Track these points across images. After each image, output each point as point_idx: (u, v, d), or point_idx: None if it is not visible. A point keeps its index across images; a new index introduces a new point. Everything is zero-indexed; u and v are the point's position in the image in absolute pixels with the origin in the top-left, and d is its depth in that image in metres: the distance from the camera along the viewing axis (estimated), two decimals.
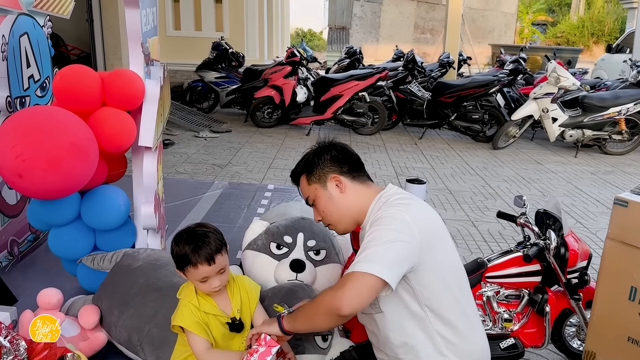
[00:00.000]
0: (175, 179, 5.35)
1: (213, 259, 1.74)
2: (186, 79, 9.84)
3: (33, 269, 3.14)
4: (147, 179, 2.78)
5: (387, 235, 1.52)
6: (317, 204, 1.79)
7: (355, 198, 1.75)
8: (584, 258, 2.39)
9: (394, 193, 1.71)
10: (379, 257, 1.48)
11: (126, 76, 2.57)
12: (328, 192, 1.76)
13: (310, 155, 1.82)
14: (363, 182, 1.79)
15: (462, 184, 5.72)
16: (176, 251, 1.77)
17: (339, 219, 1.77)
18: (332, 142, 1.84)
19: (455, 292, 1.65)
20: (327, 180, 1.76)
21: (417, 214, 1.60)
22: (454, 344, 1.61)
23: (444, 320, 1.61)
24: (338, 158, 1.78)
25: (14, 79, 2.95)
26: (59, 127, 2.27)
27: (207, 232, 1.78)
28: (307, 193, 1.82)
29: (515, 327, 2.42)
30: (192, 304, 1.82)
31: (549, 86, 7.02)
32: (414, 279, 1.56)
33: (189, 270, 1.76)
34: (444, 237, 1.68)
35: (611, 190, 5.65)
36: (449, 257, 1.67)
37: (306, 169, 1.82)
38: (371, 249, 1.51)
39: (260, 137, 7.69)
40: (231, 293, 1.90)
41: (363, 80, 7.78)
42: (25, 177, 2.16)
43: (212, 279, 1.78)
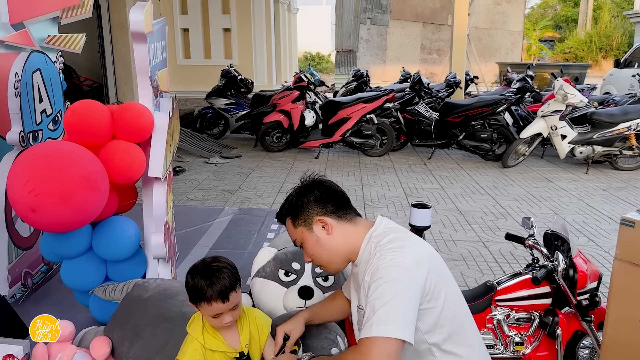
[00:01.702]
0: (186, 206, 5.40)
1: (227, 297, 1.73)
2: (196, 106, 10.00)
3: (46, 300, 3.18)
4: (157, 208, 2.82)
5: (392, 289, 1.46)
6: (305, 246, 1.75)
7: (343, 238, 1.70)
8: (593, 279, 2.37)
9: (385, 232, 1.65)
10: (393, 317, 1.43)
11: (135, 109, 2.64)
12: (315, 235, 1.71)
13: (294, 197, 1.77)
14: (350, 220, 1.73)
15: (472, 203, 5.70)
16: (191, 284, 1.76)
17: (329, 260, 1.73)
18: (315, 180, 1.79)
19: (458, 326, 1.62)
20: (312, 223, 1.71)
21: (415, 256, 1.55)
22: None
23: (448, 354, 1.58)
24: (322, 198, 1.72)
25: (27, 114, 3.03)
26: (70, 161, 2.32)
27: (222, 268, 1.76)
28: (294, 236, 1.77)
29: (527, 350, 2.40)
30: (197, 341, 1.82)
31: (557, 103, 7.02)
32: (418, 318, 1.52)
33: (202, 305, 1.75)
34: (443, 272, 1.65)
35: (623, 206, 5.60)
36: (447, 290, 1.63)
37: (290, 212, 1.76)
38: (382, 309, 1.44)
39: (269, 162, 7.76)
40: (241, 327, 1.89)
41: (370, 102, 7.86)
42: (38, 211, 2.21)
43: (224, 315, 1.77)
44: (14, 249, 3.05)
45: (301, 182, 1.80)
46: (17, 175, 2.26)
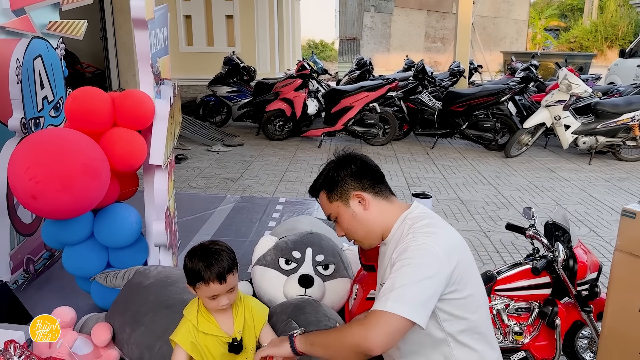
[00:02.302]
0: (188, 193, 5.41)
1: (225, 278, 1.75)
2: (199, 93, 9.97)
3: (48, 286, 3.20)
4: (158, 196, 2.82)
5: (417, 272, 1.46)
6: (341, 221, 1.73)
7: (379, 215, 1.69)
8: (593, 270, 2.37)
9: (420, 216, 1.64)
10: (410, 298, 1.43)
11: (136, 97, 2.63)
12: (351, 209, 1.69)
13: (330, 171, 1.74)
14: (386, 197, 1.72)
15: (474, 193, 5.70)
16: (189, 266, 1.78)
17: (365, 235, 1.72)
18: (350, 154, 1.76)
19: (478, 320, 1.61)
20: (349, 197, 1.69)
21: (447, 245, 1.54)
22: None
23: (464, 346, 1.58)
24: (359, 172, 1.71)
25: (28, 101, 3.03)
26: (71, 148, 2.32)
27: (220, 250, 1.79)
28: (329, 210, 1.75)
29: (526, 340, 2.41)
30: (191, 323, 1.84)
31: (561, 93, 6.98)
32: (439, 307, 1.53)
33: (199, 286, 1.78)
34: (470, 266, 1.63)
35: (625, 197, 5.59)
36: (475, 286, 1.62)
37: (326, 185, 1.74)
38: (402, 288, 1.45)
39: (272, 150, 7.75)
40: (235, 313, 1.91)
41: (373, 91, 7.82)
42: (38, 198, 2.22)
43: (221, 297, 1.79)
44: (16, 235, 3.07)
45: (336, 157, 1.77)
46: (18, 162, 2.26)
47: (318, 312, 2.23)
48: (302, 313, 2.19)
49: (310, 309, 2.22)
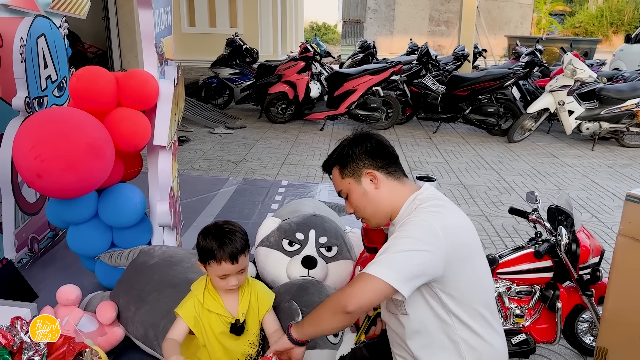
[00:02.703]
0: (190, 175, 5.41)
1: (237, 258, 1.78)
2: (201, 75, 9.92)
3: (52, 265, 3.22)
4: (162, 177, 2.83)
5: (409, 243, 1.49)
6: (351, 198, 1.73)
7: (389, 194, 1.69)
8: (596, 254, 2.38)
9: (429, 197, 1.65)
10: (394, 263, 1.46)
11: (140, 77, 2.62)
12: (362, 187, 1.70)
13: (345, 147, 1.74)
14: (398, 178, 1.72)
15: (476, 178, 5.70)
16: (202, 244, 1.80)
17: (373, 214, 1.72)
18: (367, 133, 1.76)
19: (482, 303, 1.62)
20: (361, 175, 1.70)
21: (448, 224, 1.54)
22: (476, 350, 1.60)
23: (469, 328, 1.59)
24: (373, 152, 1.71)
25: (32, 80, 3.02)
26: (76, 128, 2.32)
27: (234, 231, 1.81)
28: (340, 186, 1.76)
29: (526, 322, 2.43)
30: (197, 299, 1.86)
31: (565, 78, 6.94)
32: (440, 288, 1.54)
33: (210, 264, 1.79)
34: (475, 250, 1.63)
35: (628, 183, 5.58)
36: (478, 271, 1.62)
37: (340, 161, 1.74)
38: (389, 253, 1.48)
39: (274, 133, 7.73)
40: (241, 295, 1.92)
41: (377, 74, 7.77)
42: (43, 177, 2.22)
43: (230, 277, 1.81)
44: (20, 214, 3.08)
45: (352, 134, 1.77)
46: (23, 140, 2.26)
47: (321, 292, 2.25)
48: (305, 293, 2.21)
49: (313, 290, 2.24)
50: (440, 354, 1.61)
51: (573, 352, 2.63)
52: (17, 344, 1.85)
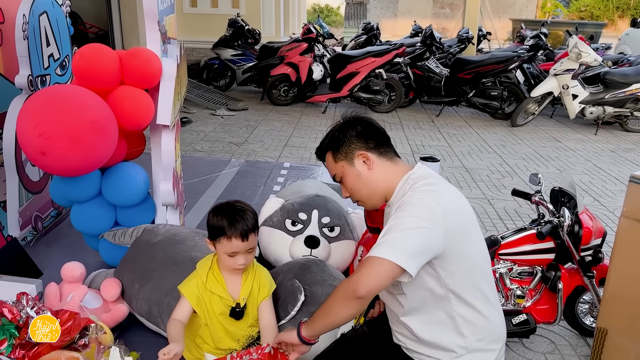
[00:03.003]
0: (193, 156, 5.41)
1: (247, 236, 1.79)
2: (203, 56, 9.85)
3: (56, 243, 3.24)
4: (165, 156, 2.83)
5: (409, 222, 1.50)
6: (345, 181, 1.75)
7: (382, 175, 1.71)
8: (598, 236, 2.39)
9: (422, 176, 1.66)
10: (398, 243, 1.47)
11: (144, 55, 2.61)
12: (355, 169, 1.71)
13: (336, 132, 1.76)
14: (390, 158, 1.73)
15: (479, 161, 5.69)
16: (213, 222, 1.81)
17: (368, 195, 1.74)
18: (357, 116, 1.78)
19: (479, 278, 1.63)
20: (354, 157, 1.71)
21: (444, 201, 1.55)
22: (474, 325, 1.62)
23: (466, 303, 1.60)
24: (364, 133, 1.72)
25: (35, 58, 3.00)
26: (79, 106, 2.32)
27: (245, 209, 1.83)
28: (334, 170, 1.77)
29: (527, 303, 2.45)
30: (200, 279, 1.87)
31: (570, 62, 6.89)
32: (438, 264, 1.55)
33: (221, 241, 1.80)
34: (471, 225, 1.64)
35: (631, 168, 5.58)
36: (475, 245, 1.64)
37: (332, 146, 1.77)
38: (392, 234, 1.49)
39: (276, 115, 7.71)
40: (244, 279, 1.93)
41: (380, 56, 7.72)
42: (47, 155, 2.22)
43: (239, 256, 1.82)
44: (24, 192, 3.09)
45: (343, 119, 1.79)
46: (27, 118, 2.26)
47: (324, 271, 2.27)
48: (308, 272, 2.23)
49: (316, 269, 2.25)
50: (438, 329, 1.63)
51: (573, 332, 2.65)
52: (23, 318, 1.87)
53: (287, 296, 2.11)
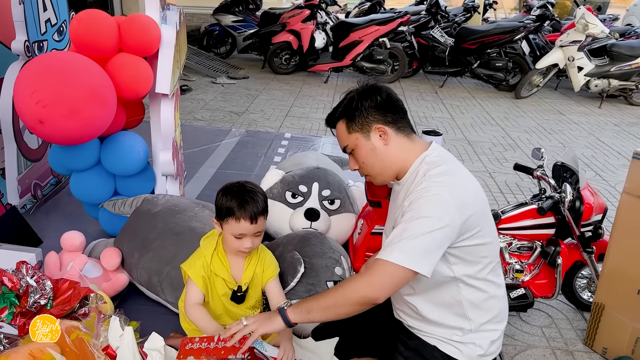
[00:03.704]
0: (193, 125, 5.37)
1: (256, 219, 1.75)
2: (203, 22, 9.69)
3: (56, 212, 3.24)
4: (164, 126, 2.80)
5: (427, 224, 1.44)
6: (357, 154, 1.65)
7: (398, 152, 1.62)
8: (599, 212, 2.38)
9: (437, 161, 1.58)
10: (417, 250, 1.43)
11: (142, 22, 2.55)
12: (371, 142, 1.61)
13: (354, 100, 1.63)
14: (407, 134, 1.64)
15: (481, 134, 5.65)
16: (222, 201, 1.76)
17: (380, 171, 1.65)
18: (376, 85, 1.66)
19: (489, 261, 1.62)
20: (370, 130, 1.60)
21: (461, 192, 1.50)
22: (480, 308, 1.62)
23: (473, 287, 1.60)
24: (383, 105, 1.61)
25: (31, 23, 2.94)
26: (78, 73, 2.28)
27: (256, 191, 1.79)
28: (346, 141, 1.66)
29: (526, 277, 2.45)
30: (205, 260, 1.85)
31: (577, 33, 6.76)
32: (450, 251, 1.53)
33: (229, 222, 1.76)
34: (485, 211, 1.60)
35: (634, 142, 5.54)
36: (487, 231, 1.59)
37: (346, 114, 1.63)
38: (409, 239, 1.44)
39: (277, 84, 7.63)
40: (247, 264, 1.91)
41: (384, 25, 7.57)
42: (45, 123, 2.20)
43: (246, 239, 1.78)
44: (23, 160, 3.07)
45: (360, 86, 1.67)
46: (24, 86, 2.22)
47: (323, 244, 2.27)
48: (308, 244, 2.23)
49: (315, 241, 2.25)
50: (443, 310, 1.63)
51: (570, 307, 2.67)
52: (23, 287, 1.88)
53: (287, 268, 2.12)
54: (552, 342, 2.41)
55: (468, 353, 1.63)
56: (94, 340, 1.72)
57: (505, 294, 1.73)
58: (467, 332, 1.63)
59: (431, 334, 1.66)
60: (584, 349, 2.38)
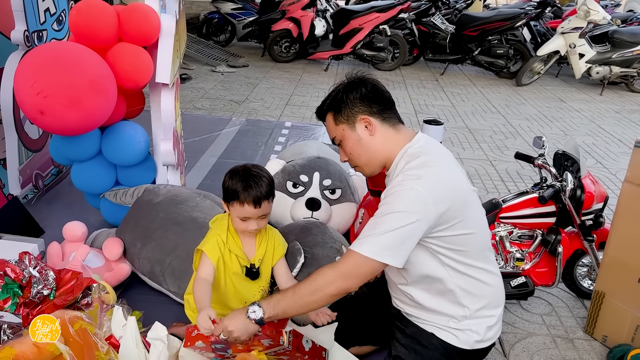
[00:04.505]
0: (193, 114, 5.36)
1: (260, 203, 1.77)
2: (202, 10, 9.63)
3: (57, 202, 3.24)
4: (165, 116, 2.79)
5: (399, 218, 1.46)
6: (344, 145, 1.69)
7: (383, 142, 1.65)
8: (600, 200, 2.38)
9: (418, 152, 1.59)
10: (388, 243, 1.46)
11: (142, 11, 2.53)
12: (356, 133, 1.65)
13: (339, 93, 1.68)
14: (393, 125, 1.66)
15: (482, 122, 5.64)
16: (228, 184, 1.79)
17: (367, 162, 1.69)
18: (362, 77, 1.70)
19: (478, 250, 1.63)
20: (355, 121, 1.65)
21: (437, 185, 1.50)
22: (473, 295, 1.64)
23: (464, 275, 1.62)
24: (368, 97, 1.64)
25: (30, 13, 2.92)
26: (78, 63, 2.27)
27: (261, 175, 1.80)
28: (334, 133, 1.71)
29: (526, 266, 2.46)
30: (220, 237, 1.86)
31: (578, 20, 6.73)
32: (431, 241, 1.55)
33: (233, 205, 1.79)
34: (467, 200, 1.60)
35: (635, 130, 5.53)
36: (472, 219, 1.61)
37: (333, 107, 1.69)
38: (381, 233, 1.46)
39: (277, 73, 7.59)
40: (259, 241, 1.93)
41: (384, 12, 7.53)
42: (46, 113, 2.19)
43: (251, 221, 1.81)
44: (24, 150, 3.07)
45: (347, 79, 1.71)
46: (25, 76, 2.21)
47: (324, 234, 2.27)
48: (309, 234, 2.23)
49: (317, 231, 2.26)
50: (438, 298, 1.66)
51: (570, 295, 2.68)
52: (26, 278, 1.89)
53: (288, 258, 2.12)
54: (552, 330, 2.42)
55: (465, 339, 1.66)
56: (97, 330, 1.74)
57: (500, 280, 1.75)
58: (462, 319, 1.65)
59: (428, 321, 1.68)
60: (584, 336, 2.39)
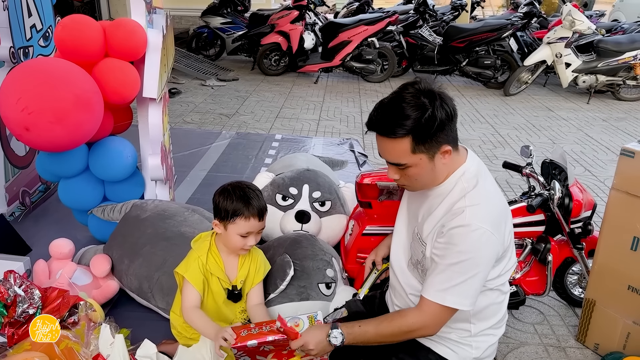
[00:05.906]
0: (183, 128, 5.35)
1: (263, 215, 1.78)
2: (191, 24, 9.66)
3: (45, 219, 3.21)
4: (152, 130, 2.78)
5: (473, 266, 1.45)
6: (412, 171, 1.49)
7: (448, 167, 1.51)
8: (588, 208, 2.39)
9: (473, 177, 1.51)
10: (470, 292, 1.48)
11: (128, 26, 2.53)
12: (433, 163, 1.47)
13: (429, 118, 1.40)
14: (456, 147, 1.51)
15: (471, 132, 5.67)
16: (226, 204, 1.76)
17: (424, 184, 1.55)
18: (440, 94, 1.45)
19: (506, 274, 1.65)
20: (437, 151, 1.45)
21: (496, 216, 1.49)
22: (484, 314, 1.64)
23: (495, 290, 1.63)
24: (450, 121, 1.44)
25: (16, 29, 2.92)
26: (63, 79, 2.26)
27: (255, 189, 1.82)
28: (406, 159, 1.46)
29: (517, 275, 2.46)
30: (200, 260, 1.84)
31: (564, 30, 6.81)
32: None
33: (236, 222, 1.76)
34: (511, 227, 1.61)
35: (622, 137, 5.58)
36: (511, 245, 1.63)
37: (417, 133, 1.41)
38: (461, 284, 1.45)
39: (267, 86, 7.61)
40: (242, 262, 1.91)
41: (372, 24, 7.59)
42: (31, 130, 2.17)
43: (251, 237, 1.80)
44: (10, 167, 3.04)
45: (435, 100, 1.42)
46: (9, 92, 2.20)
47: (314, 246, 2.26)
48: (298, 247, 2.22)
49: (306, 243, 2.25)
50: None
51: (562, 303, 2.68)
52: (11, 297, 1.86)
53: (277, 271, 2.11)
54: (544, 339, 2.42)
55: (463, 355, 1.64)
56: (84, 349, 1.71)
57: (508, 296, 1.75)
58: (466, 335, 1.64)
59: None
60: (576, 345, 2.39)
